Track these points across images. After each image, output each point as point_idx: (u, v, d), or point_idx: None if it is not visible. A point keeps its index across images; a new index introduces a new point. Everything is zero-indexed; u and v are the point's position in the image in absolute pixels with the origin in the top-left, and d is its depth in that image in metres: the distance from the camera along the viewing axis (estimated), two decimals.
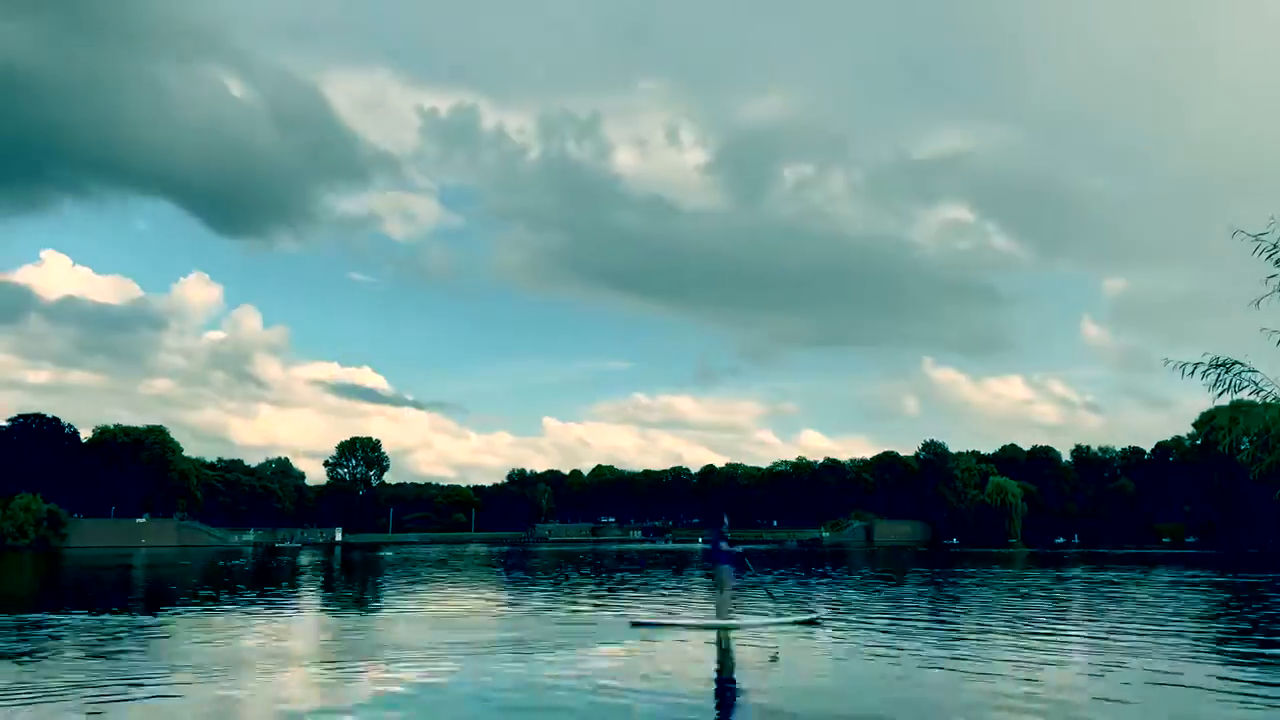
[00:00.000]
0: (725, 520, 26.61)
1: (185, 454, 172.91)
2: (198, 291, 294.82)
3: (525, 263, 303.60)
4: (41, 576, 65.69)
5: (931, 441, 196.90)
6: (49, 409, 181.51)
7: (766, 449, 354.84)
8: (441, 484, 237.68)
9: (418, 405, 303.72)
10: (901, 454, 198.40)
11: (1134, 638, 23.13)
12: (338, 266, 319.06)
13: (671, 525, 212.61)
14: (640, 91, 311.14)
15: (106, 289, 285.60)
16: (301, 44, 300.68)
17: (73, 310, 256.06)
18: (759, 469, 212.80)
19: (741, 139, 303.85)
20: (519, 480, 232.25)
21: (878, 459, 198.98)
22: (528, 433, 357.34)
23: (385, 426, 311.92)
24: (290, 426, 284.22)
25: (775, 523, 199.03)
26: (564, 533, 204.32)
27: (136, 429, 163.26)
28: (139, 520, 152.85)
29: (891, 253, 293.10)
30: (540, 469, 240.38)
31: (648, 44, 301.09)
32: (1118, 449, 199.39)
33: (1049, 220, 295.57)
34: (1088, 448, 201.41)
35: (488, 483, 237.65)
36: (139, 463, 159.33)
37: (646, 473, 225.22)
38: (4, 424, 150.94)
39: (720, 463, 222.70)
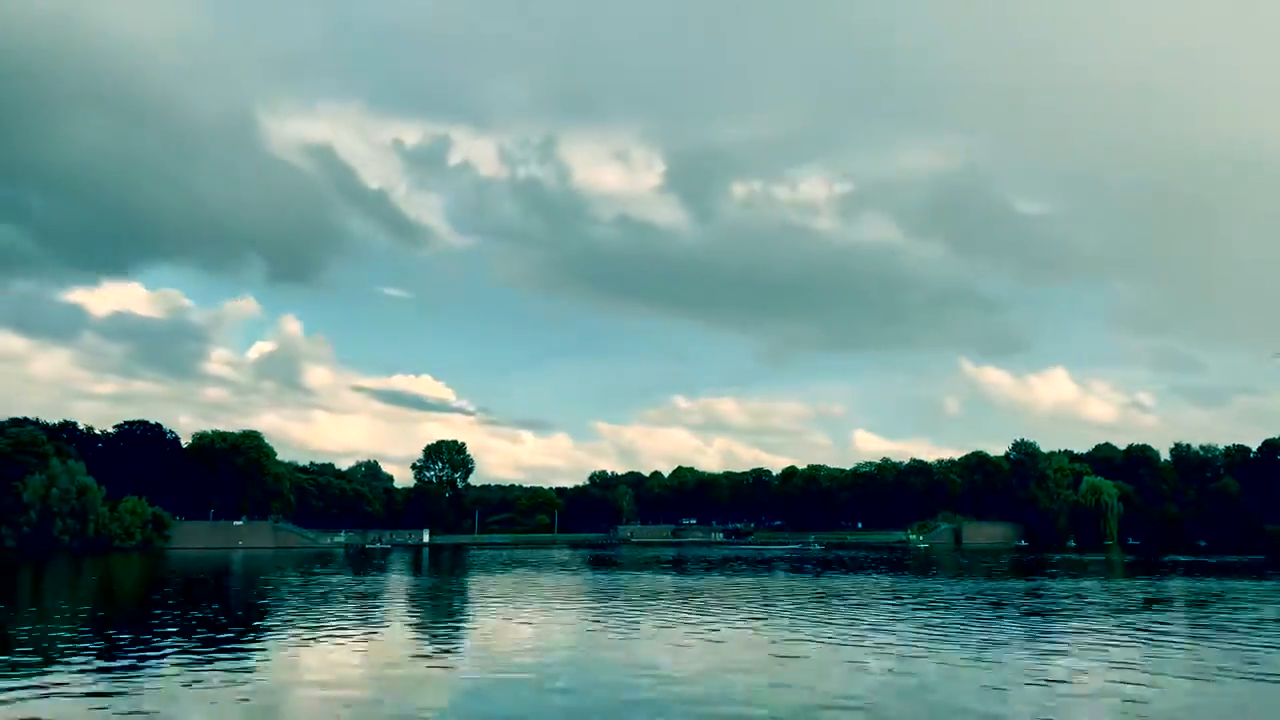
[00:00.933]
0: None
1: (278, 459, 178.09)
2: (245, 307, 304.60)
3: (536, 275, 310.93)
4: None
5: (1022, 441, 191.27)
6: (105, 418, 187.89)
7: (821, 450, 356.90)
8: (524, 486, 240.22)
9: (464, 411, 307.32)
10: (991, 454, 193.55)
11: None
12: (370, 283, 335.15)
13: (754, 527, 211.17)
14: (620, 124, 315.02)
15: (158, 304, 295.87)
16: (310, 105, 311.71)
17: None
18: (842, 470, 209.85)
19: (703, 159, 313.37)
20: (599, 482, 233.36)
21: (965, 459, 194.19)
22: (583, 437, 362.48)
23: (440, 431, 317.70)
24: (345, 432, 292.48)
25: (860, 524, 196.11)
26: (645, 534, 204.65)
27: (233, 435, 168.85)
28: (236, 523, 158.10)
29: (886, 261, 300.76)
30: (607, 470, 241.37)
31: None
32: (1220, 447, 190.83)
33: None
34: (1188, 446, 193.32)
35: (568, 484, 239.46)
36: (235, 467, 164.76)
37: (728, 474, 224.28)
38: (110, 431, 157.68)
39: (778, 465, 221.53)
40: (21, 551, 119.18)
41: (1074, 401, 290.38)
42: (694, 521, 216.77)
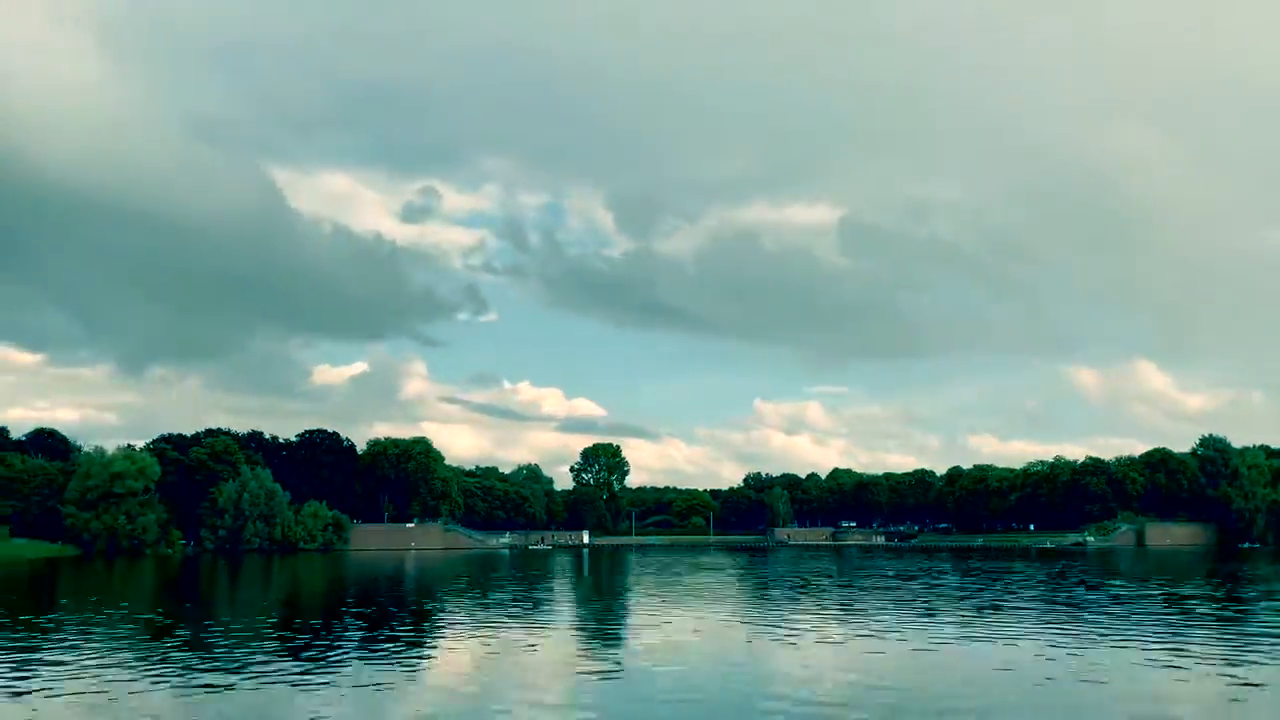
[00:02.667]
0: None
1: (445, 463, 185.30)
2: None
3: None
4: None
5: (1210, 437, 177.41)
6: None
7: (929, 452, 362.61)
8: (678, 489, 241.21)
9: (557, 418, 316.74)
10: (1174, 451, 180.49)
11: None
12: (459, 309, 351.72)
13: (918, 530, 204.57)
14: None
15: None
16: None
17: None
18: (1011, 470, 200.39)
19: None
20: (754, 484, 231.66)
21: (1146, 457, 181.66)
22: (694, 441, 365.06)
23: (544, 440, 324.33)
24: (451, 440, 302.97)
25: (1032, 526, 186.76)
26: (803, 536, 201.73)
27: (404, 441, 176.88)
28: (409, 525, 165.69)
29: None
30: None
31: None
32: None
33: None
34: None
35: (723, 486, 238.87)
36: (406, 472, 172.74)
37: (888, 476, 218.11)
38: (293, 439, 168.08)
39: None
40: (218, 553, 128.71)
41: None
42: (853, 524, 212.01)
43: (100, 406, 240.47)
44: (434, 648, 27.62)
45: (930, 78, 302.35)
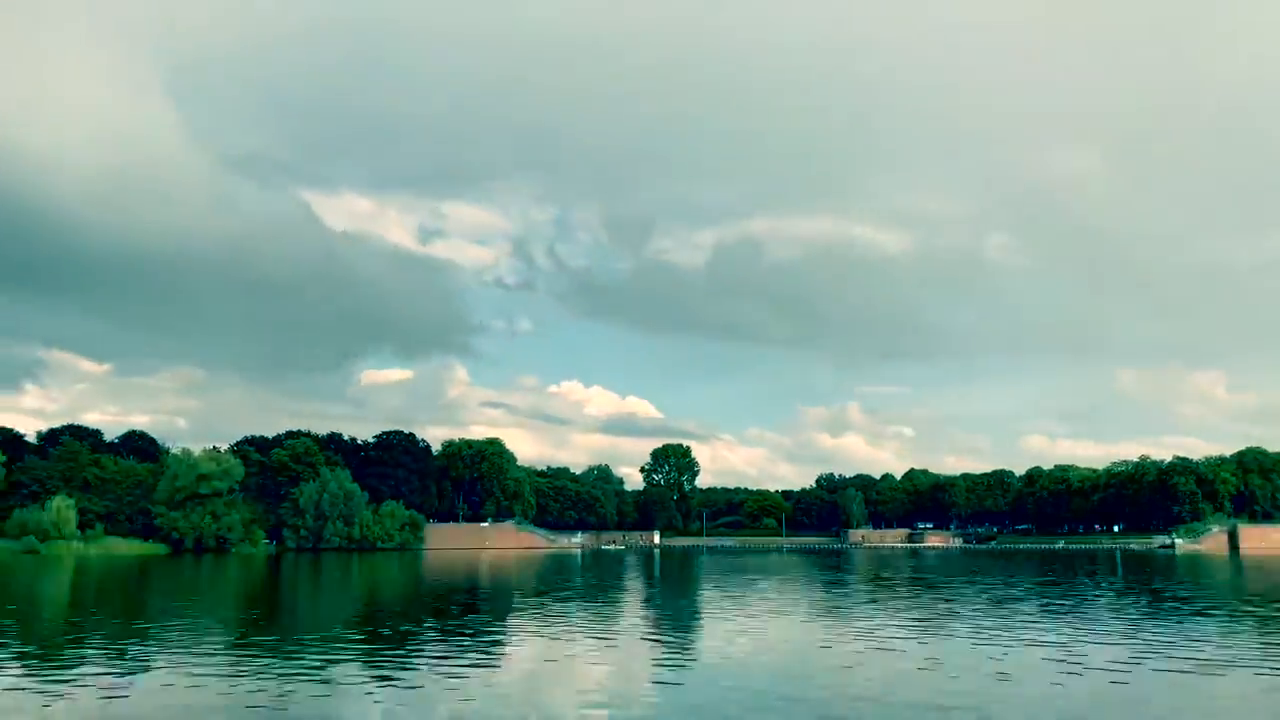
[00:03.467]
0: None
1: (518, 464, 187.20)
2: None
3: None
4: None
5: None
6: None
7: (981, 453, 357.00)
8: (749, 489, 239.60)
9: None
10: (1270, 450, 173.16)
11: None
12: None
13: (996, 531, 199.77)
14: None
15: None
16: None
17: None
18: (1093, 471, 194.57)
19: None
20: (827, 485, 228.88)
21: (1238, 456, 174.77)
22: (747, 442, 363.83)
23: (594, 443, 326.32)
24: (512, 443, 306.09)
25: (1118, 528, 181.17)
26: (878, 539, 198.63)
27: (478, 442, 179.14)
28: (483, 525, 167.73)
29: None
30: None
31: None
32: None
33: None
34: None
35: (793, 487, 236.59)
36: (479, 472, 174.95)
37: (965, 476, 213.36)
38: (370, 440, 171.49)
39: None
40: (299, 552, 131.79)
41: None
42: (930, 526, 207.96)
43: (170, 411, 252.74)
44: (516, 649, 27.62)
45: (921, 96, 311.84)
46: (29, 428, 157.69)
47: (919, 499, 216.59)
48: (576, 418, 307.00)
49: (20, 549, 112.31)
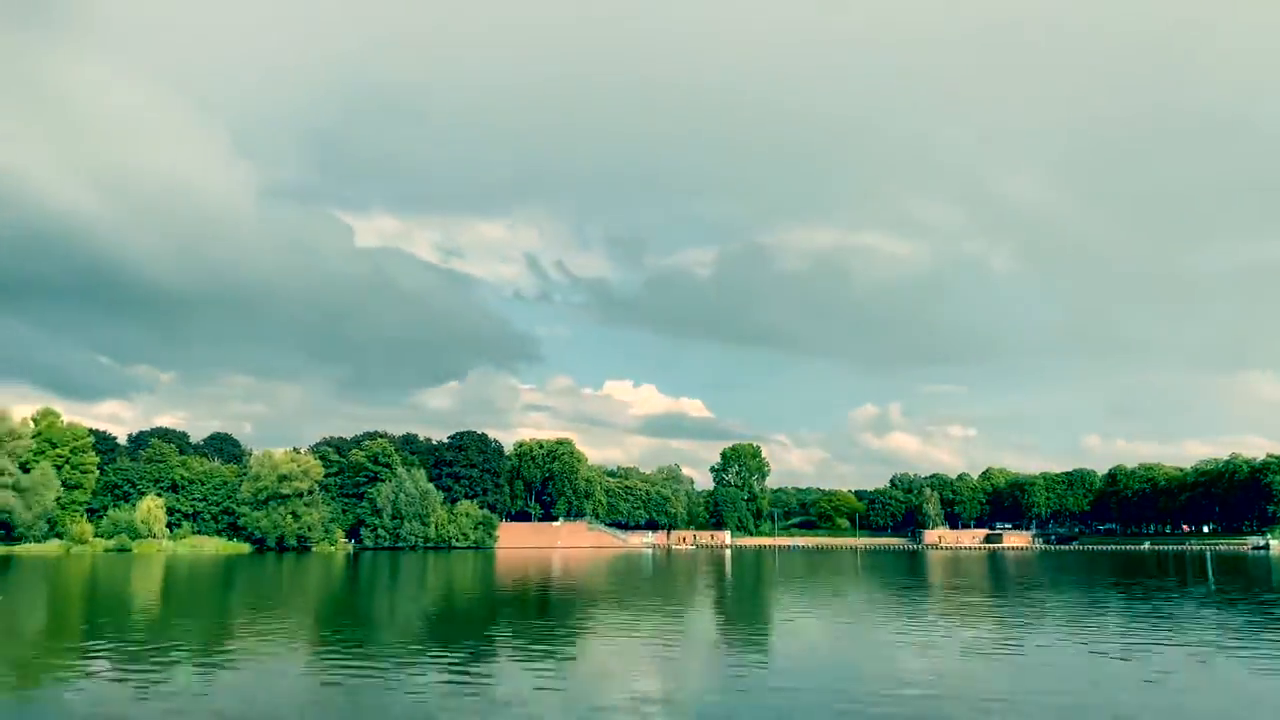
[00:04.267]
0: None
1: (588, 464, 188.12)
2: None
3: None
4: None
5: None
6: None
7: (1033, 452, 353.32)
8: (821, 489, 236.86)
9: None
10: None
11: None
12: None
13: (1078, 531, 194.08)
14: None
15: None
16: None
17: None
18: (1180, 470, 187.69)
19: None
20: (901, 484, 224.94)
21: None
22: (802, 444, 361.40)
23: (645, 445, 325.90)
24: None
25: (1209, 528, 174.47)
26: (954, 539, 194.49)
27: (549, 442, 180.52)
28: (555, 524, 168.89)
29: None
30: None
31: None
32: None
33: None
34: None
35: (854, 487, 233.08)
36: (551, 472, 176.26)
37: (1044, 475, 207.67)
38: (444, 440, 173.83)
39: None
40: (378, 550, 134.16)
41: None
42: (1008, 526, 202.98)
43: (238, 417, 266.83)
44: (600, 648, 27.47)
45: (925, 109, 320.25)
46: (120, 431, 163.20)
47: (996, 499, 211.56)
48: (621, 419, 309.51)
49: (114, 547, 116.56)
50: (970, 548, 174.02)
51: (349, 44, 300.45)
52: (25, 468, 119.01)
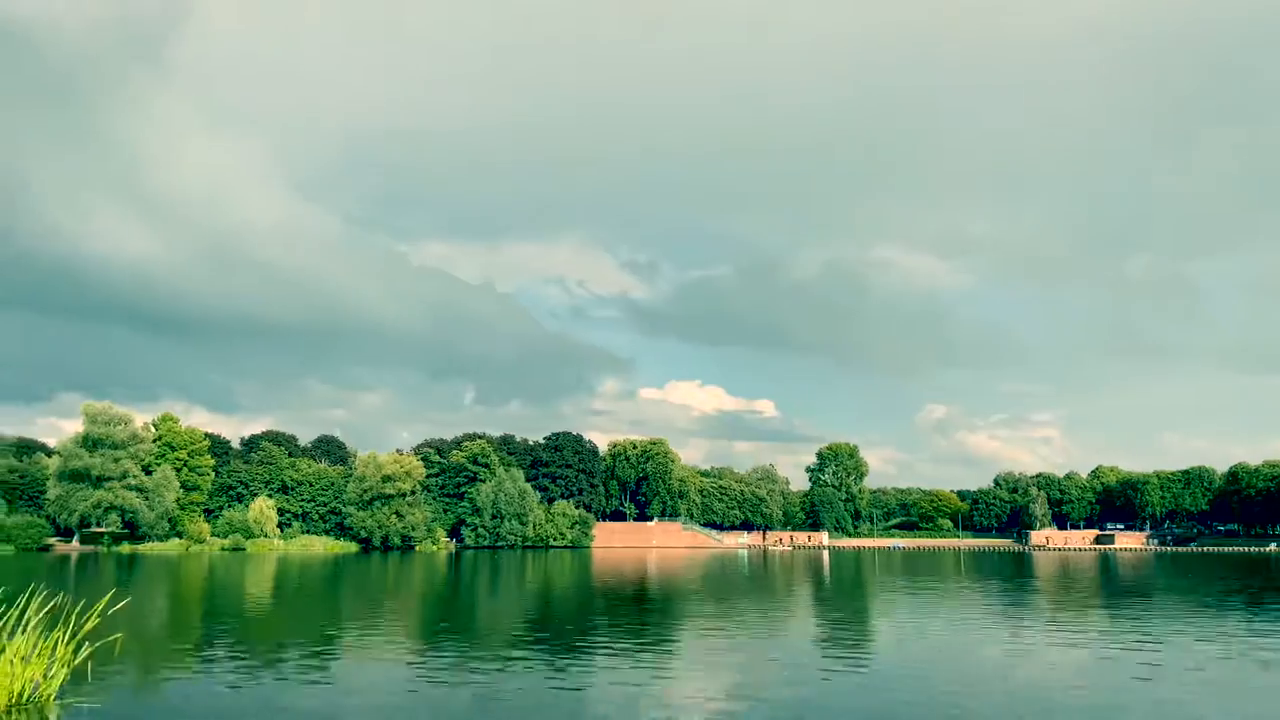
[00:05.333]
0: None
1: (682, 463, 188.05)
2: None
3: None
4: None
5: None
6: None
7: (1120, 452, 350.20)
8: (922, 489, 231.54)
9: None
10: None
11: None
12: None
13: (1198, 532, 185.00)
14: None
15: None
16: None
17: None
18: None
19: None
20: (1007, 484, 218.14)
21: None
22: (872, 445, 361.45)
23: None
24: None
25: None
26: (1063, 540, 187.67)
27: (642, 442, 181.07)
28: (649, 523, 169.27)
29: None
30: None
31: None
32: None
33: None
34: None
35: (972, 486, 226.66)
36: (645, 472, 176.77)
37: (1158, 474, 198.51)
38: (541, 441, 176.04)
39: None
40: (479, 549, 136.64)
41: None
42: (1120, 526, 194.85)
43: (322, 423, 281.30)
44: (698, 648, 27.23)
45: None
46: (233, 435, 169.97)
47: (1107, 498, 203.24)
48: (684, 421, 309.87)
49: (230, 546, 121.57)
50: (1080, 549, 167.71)
51: (397, 90, 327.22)
52: (148, 470, 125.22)
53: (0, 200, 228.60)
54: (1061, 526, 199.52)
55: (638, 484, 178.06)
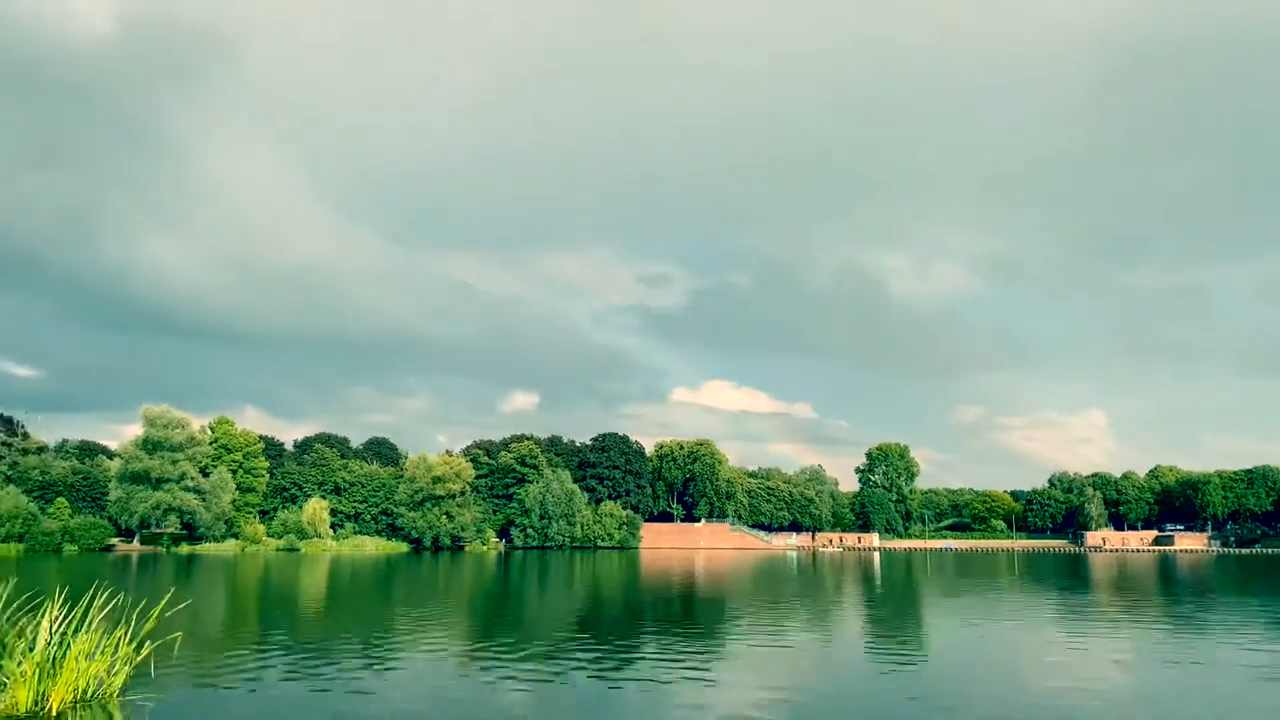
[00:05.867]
0: None
1: (729, 464, 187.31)
2: None
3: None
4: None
5: None
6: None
7: (1166, 452, 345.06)
8: (974, 490, 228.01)
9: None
10: None
11: None
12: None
13: (1263, 534, 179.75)
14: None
15: None
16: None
17: None
18: None
19: None
20: (1061, 484, 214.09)
21: None
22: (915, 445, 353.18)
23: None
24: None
25: None
26: (1120, 541, 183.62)
27: (689, 443, 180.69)
28: (697, 524, 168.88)
29: None
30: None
31: None
32: None
33: None
34: None
35: (1025, 487, 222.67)
36: (692, 472, 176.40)
37: (1219, 474, 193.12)
38: (587, 442, 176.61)
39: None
40: (527, 549, 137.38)
41: None
42: (1179, 527, 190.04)
43: (368, 428, 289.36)
44: (750, 649, 26.98)
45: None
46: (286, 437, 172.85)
47: (1166, 498, 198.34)
48: (719, 422, 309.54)
49: (284, 547, 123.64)
50: (1138, 550, 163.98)
51: (428, 117, 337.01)
52: (205, 472, 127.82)
53: (78, 230, 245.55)
54: (1119, 527, 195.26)
55: (684, 485, 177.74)
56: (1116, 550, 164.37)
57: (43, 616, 16.44)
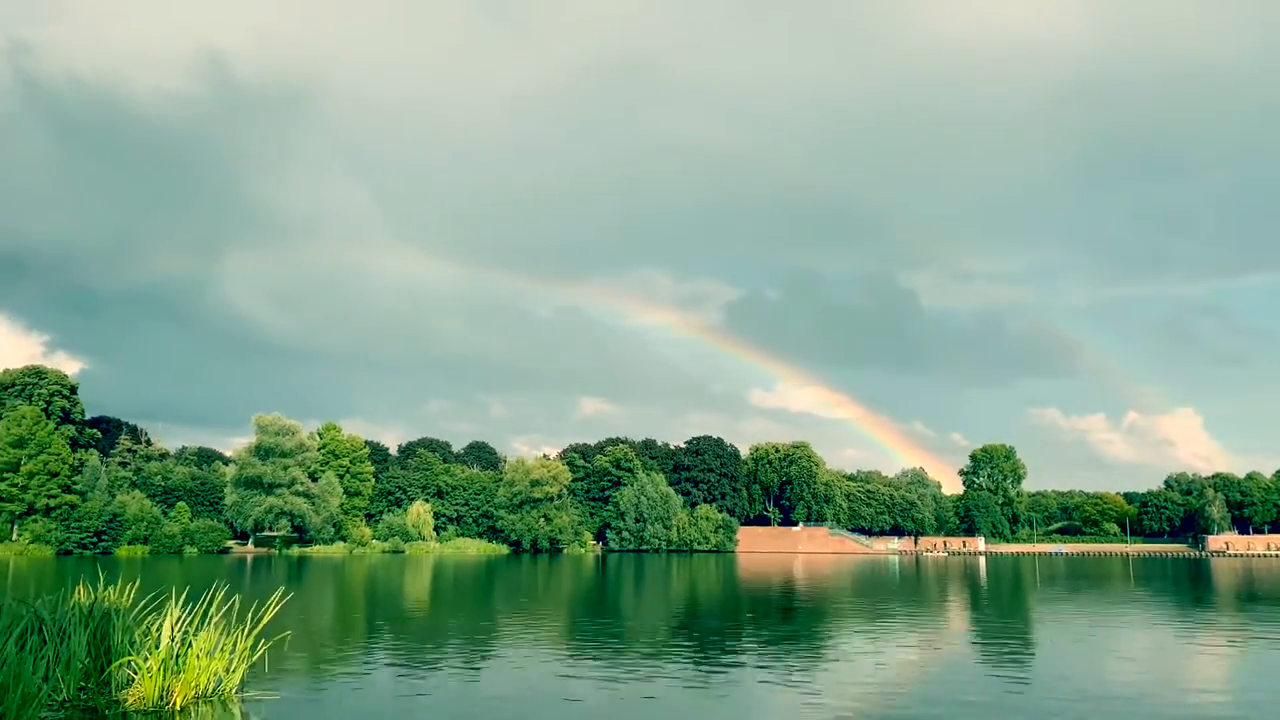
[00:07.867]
0: None
1: (826, 467, 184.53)
2: None
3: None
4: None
5: None
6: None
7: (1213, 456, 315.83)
8: (1086, 492, 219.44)
9: None
10: None
11: None
12: None
13: None
14: None
15: None
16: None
17: None
18: None
19: None
20: (1179, 486, 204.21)
21: None
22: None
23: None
24: None
25: None
26: (1245, 545, 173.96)
27: (785, 445, 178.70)
28: (795, 528, 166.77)
29: None
30: (1189, 473, 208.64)
31: None
32: None
33: None
34: None
35: (1140, 489, 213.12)
36: (789, 475, 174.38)
37: None
38: (682, 445, 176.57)
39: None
40: (623, 552, 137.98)
41: None
42: None
43: (452, 435, 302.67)
44: (853, 656, 26.35)
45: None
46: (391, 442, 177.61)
47: None
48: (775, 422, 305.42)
49: (390, 549, 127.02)
50: (1265, 555, 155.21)
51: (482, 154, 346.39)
52: (314, 477, 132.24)
53: (196, 273, 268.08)
54: (1243, 531, 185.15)
55: (781, 488, 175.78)
56: (1241, 555, 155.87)
57: (166, 615, 17.13)
